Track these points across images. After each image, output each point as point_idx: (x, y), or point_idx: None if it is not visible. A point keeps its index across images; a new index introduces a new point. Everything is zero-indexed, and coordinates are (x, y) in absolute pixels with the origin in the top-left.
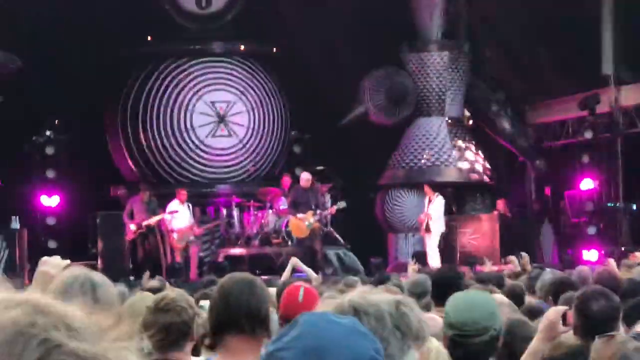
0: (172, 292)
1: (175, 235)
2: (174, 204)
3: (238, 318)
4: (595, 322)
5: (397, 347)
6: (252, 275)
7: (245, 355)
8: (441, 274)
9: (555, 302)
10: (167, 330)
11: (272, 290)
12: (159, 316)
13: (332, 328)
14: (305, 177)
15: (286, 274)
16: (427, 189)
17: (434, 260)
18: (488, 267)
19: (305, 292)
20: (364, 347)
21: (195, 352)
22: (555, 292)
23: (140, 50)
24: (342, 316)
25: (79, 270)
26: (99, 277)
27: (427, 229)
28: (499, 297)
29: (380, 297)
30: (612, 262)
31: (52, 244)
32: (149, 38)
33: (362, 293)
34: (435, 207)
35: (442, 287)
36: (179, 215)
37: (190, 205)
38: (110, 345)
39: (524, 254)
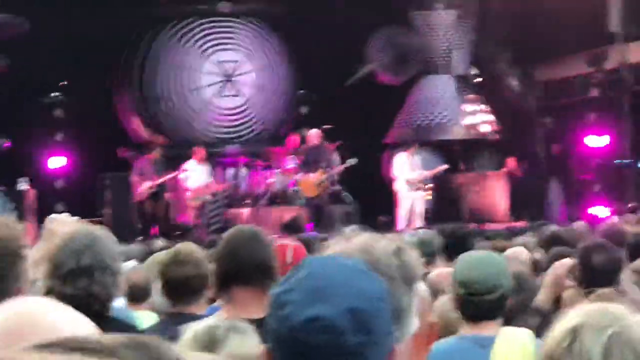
0: (185, 245)
1: (188, 194)
2: (190, 164)
3: (245, 269)
4: (597, 274)
5: (404, 296)
6: (257, 228)
7: (252, 306)
8: (453, 231)
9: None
10: (187, 282)
11: None
12: (177, 269)
13: (337, 269)
14: (314, 133)
15: None
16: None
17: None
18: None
19: (294, 252)
20: (369, 286)
21: None
22: (547, 247)
23: (148, 11)
24: (347, 258)
25: (82, 225)
26: (100, 232)
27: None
28: (509, 251)
29: (382, 249)
30: (616, 219)
31: (59, 207)
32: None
33: (365, 245)
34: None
35: (453, 244)
36: (194, 174)
37: (209, 164)
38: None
39: None
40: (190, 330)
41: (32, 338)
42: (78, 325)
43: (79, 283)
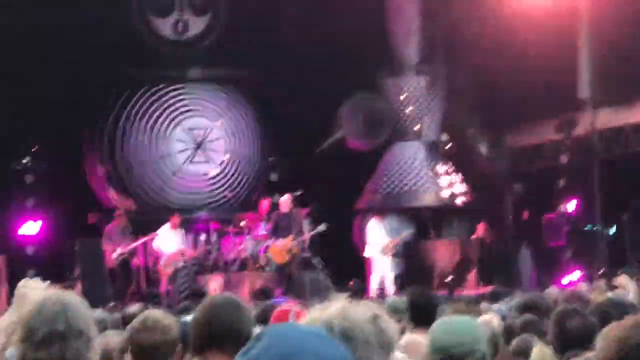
0: (154, 312)
1: (162, 260)
2: (164, 229)
3: (221, 337)
4: (572, 338)
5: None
6: (234, 295)
7: None
8: (418, 296)
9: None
10: (155, 349)
11: None
12: (145, 335)
13: (300, 336)
14: (285, 200)
15: None
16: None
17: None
18: None
19: (296, 317)
20: (333, 354)
21: None
22: (521, 313)
23: (117, 76)
24: (309, 326)
25: (55, 291)
26: (72, 298)
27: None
28: (486, 318)
29: (360, 316)
30: (583, 285)
31: (31, 273)
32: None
33: (342, 310)
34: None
35: (419, 310)
36: (168, 240)
37: (182, 230)
38: None
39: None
40: None
41: None
42: None
43: (52, 349)
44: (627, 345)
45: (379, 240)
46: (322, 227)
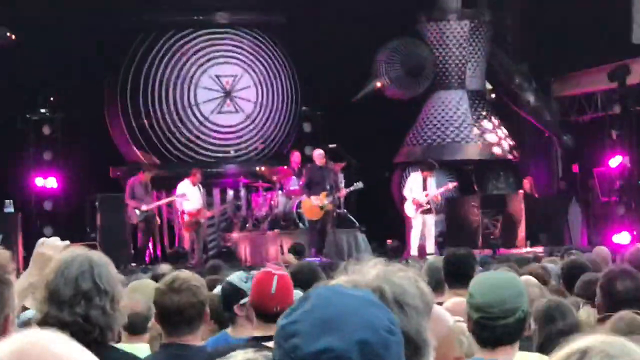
0: (182, 272)
1: (186, 217)
2: (184, 185)
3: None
4: (619, 301)
5: (426, 327)
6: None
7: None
8: (455, 256)
9: (567, 287)
10: (182, 311)
11: None
12: (172, 297)
13: (345, 299)
14: (319, 154)
15: None
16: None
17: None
18: None
19: (278, 282)
20: (378, 318)
21: None
22: (566, 276)
23: (141, 22)
24: (354, 289)
25: (79, 250)
26: (98, 256)
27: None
28: (526, 277)
29: (405, 277)
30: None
31: (47, 231)
32: None
33: (386, 274)
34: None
35: (456, 269)
36: (190, 197)
37: (201, 187)
38: None
39: None
40: None
41: None
42: (84, 357)
43: (77, 309)
44: None
45: (417, 195)
46: (358, 185)
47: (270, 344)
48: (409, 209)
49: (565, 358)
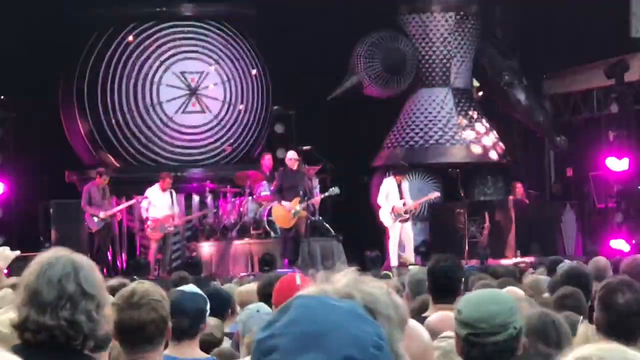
0: (141, 285)
1: (149, 224)
2: (152, 191)
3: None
4: (620, 315)
5: (399, 338)
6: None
7: None
8: (440, 266)
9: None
10: (142, 328)
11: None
12: (131, 313)
13: (329, 312)
14: (291, 157)
15: None
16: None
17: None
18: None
19: (302, 278)
20: (365, 332)
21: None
22: (562, 285)
23: (99, 14)
24: (339, 299)
25: (61, 250)
26: (81, 259)
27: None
28: (517, 291)
29: (377, 289)
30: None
31: None
32: None
33: (357, 284)
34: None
35: (440, 283)
36: (157, 203)
37: (173, 192)
38: None
39: None
40: None
41: None
42: None
43: (61, 312)
44: None
45: (393, 201)
46: (335, 190)
47: None
48: (385, 217)
49: None
